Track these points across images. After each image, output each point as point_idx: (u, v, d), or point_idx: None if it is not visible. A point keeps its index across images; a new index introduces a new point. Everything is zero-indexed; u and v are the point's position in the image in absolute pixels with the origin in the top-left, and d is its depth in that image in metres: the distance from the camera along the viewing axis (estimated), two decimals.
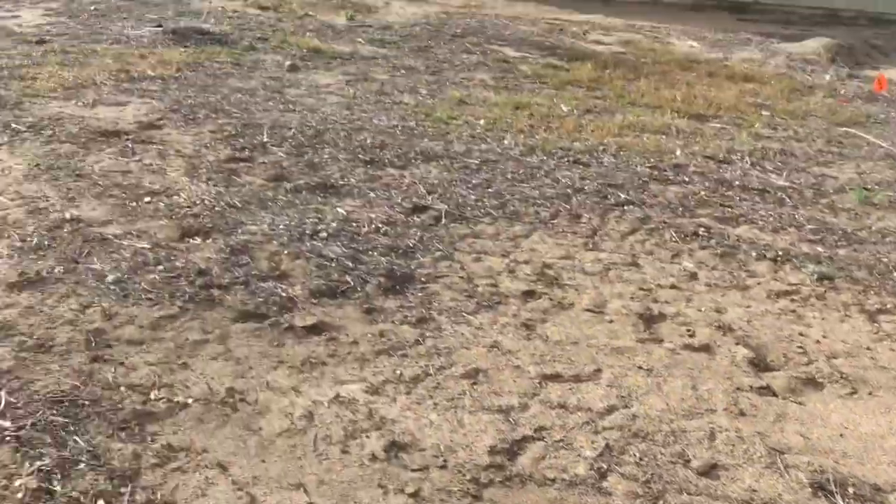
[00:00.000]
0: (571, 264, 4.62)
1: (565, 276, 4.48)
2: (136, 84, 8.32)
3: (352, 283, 4.14)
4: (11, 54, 8.82)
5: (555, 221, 5.31)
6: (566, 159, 6.88)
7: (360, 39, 12.02)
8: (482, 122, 8.20)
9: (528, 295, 4.22)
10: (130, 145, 6.33)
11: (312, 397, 3.20)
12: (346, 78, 9.68)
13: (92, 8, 11.75)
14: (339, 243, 4.64)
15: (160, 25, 10.89)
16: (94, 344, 3.45)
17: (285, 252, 4.44)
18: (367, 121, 7.80)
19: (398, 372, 3.43)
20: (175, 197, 5.24)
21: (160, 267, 4.16)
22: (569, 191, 5.94)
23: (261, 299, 3.92)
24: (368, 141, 6.99)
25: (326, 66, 10.21)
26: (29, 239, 4.37)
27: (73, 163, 5.77)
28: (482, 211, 5.42)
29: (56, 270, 4.01)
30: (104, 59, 9.26)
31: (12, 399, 3.00)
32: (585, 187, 6.06)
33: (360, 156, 6.59)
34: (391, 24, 13.26)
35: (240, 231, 4.68)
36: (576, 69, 11.16)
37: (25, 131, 6.34)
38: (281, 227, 4.83)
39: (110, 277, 3.98)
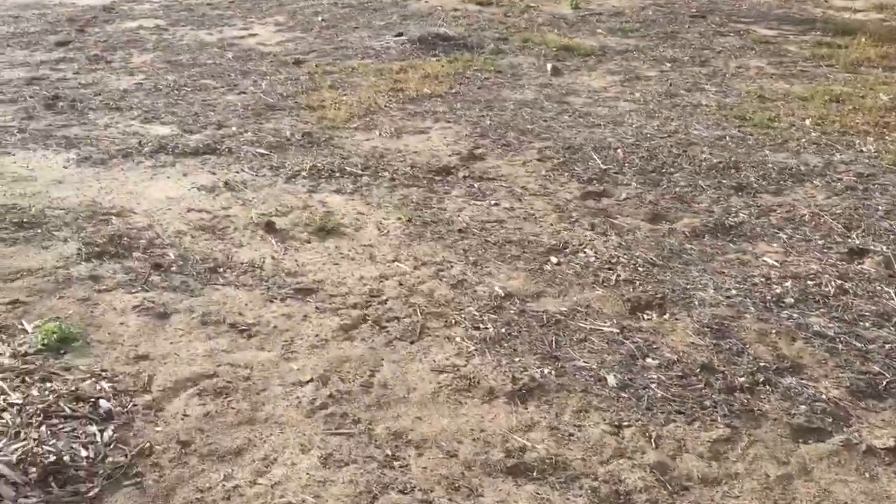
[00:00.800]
0: None
1: None
2: (419, 105, 7.84)
3: (887, 375, 3.44)
4: (281, 80, 8.50)
5: None
6: None
7: (599, 30, 11.30)
8: (808, 122, 7.37)
9: None
10: (475, 185, 5.80)
11: None
12: (615, 78, 9.00)
13: (319, 19, 11.41)
14: (817, 312, 3.96)
15: (401, 34, 10.43)
16: (669, 487, 2.87)
17: (773, 331, 3.79)
18: (683, 131, 7.08)
19: None
20: (581, 254, 4.67)
21: (650, 360, 3.58)
22: None
23: (803, 406, 3.28)
24: (715, 160, 6.26)
25: (585, 64, 9.55)
26: (482, 326, 3.85)
27: (437, 212, 5.27)
28: None
29: (546, 372, 3.47)
30: (368, 76, 8.85)
31: None
32: None
33: (722, 181, 5.90)
34: (620, 8, 12.45)
35: (695, 301, 4.05)
36: (853, 46, 10.12)
37: (361, 174, 5.91)
38: (732, 290, 4.19)
39: (612, 380, 3.42)
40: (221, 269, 4.46)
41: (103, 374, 3.47)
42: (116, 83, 8.29)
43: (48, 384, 3.26)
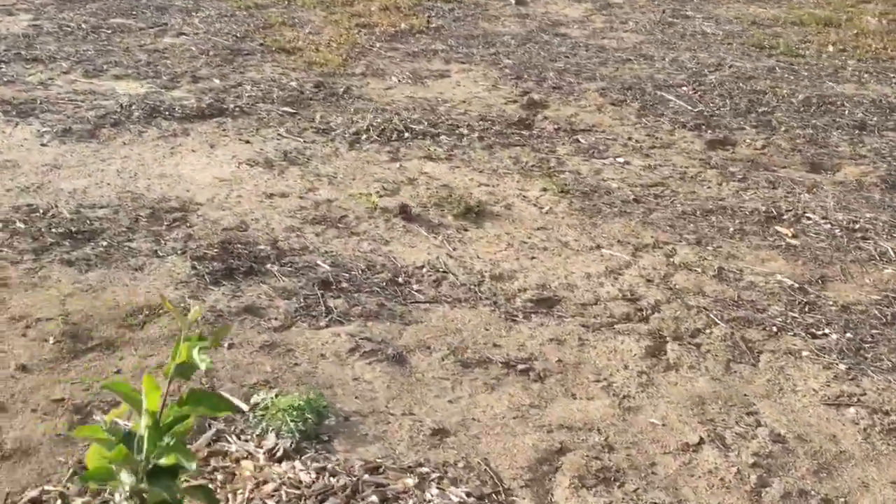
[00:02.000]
0: None
1: None
2: (407, 43, 6.72)
3: None
4: (213, 16, 7.08)
5: None
6: None
7: None
8: (831, 49, 6.97)
9: None
10: (579, 139, 4.88)
11: None
12: (586, 6, 8.27)
13: None
14: None
15: None
16: None
17: None
18: (726, 64, 6.48)
19: None
20: (807, 221, 3.95)
21: None
22: None
23: None
24: (800, 95, 5.69)
25: None
26: (816, 331, 3.01)
27: (577, 177, 4.32)
28: None
29: None
30: (313, 10, 7.59)
31: None
32: None
33: (834, 119, 5.39)
34: None
35: None
36: None
37: (436, 133, 4.83)
38: None
39: None
40: (403, 280, 3.28)
41: (423, 470, 2.29)
42: (3, 25, 6.43)
43: None
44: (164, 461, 1.42)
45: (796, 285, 3.34)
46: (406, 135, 4.76)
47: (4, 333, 2.74)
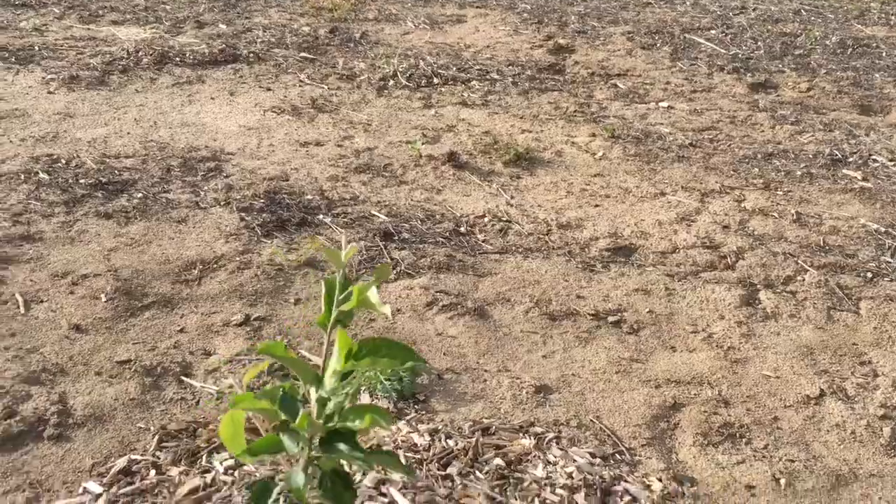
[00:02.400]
0: None
1: None
2: None
3: None
4: None
5: None
6: None
7: None
8: None
9: None
10: (617, 83, 4.63)
11: None
12: None
13: None
14: None
15: None
16: None
17: None
18: (750, 6, 6.25)
19: None
20: (873, 164, 3.72)
21: None
22: None
23: None
24: (833, 38, 5.50)
25: None
26: None
27: (623, 122, 4.09)
28: None
29: None
30: None
31: None
32: None
33: (874, 61, 5.20)
34: None
35: None
36: None
37: (467, 79, 4.56)
38: None
39: None
40: (466, 230, 3.06)
41: (537, 430, 2.09)
42: None
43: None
44: (350, 424, 1.18)
45: (882, 229, 3.15)
46: (435, 80, 4.50)
47: (49, 291, 2.47)
